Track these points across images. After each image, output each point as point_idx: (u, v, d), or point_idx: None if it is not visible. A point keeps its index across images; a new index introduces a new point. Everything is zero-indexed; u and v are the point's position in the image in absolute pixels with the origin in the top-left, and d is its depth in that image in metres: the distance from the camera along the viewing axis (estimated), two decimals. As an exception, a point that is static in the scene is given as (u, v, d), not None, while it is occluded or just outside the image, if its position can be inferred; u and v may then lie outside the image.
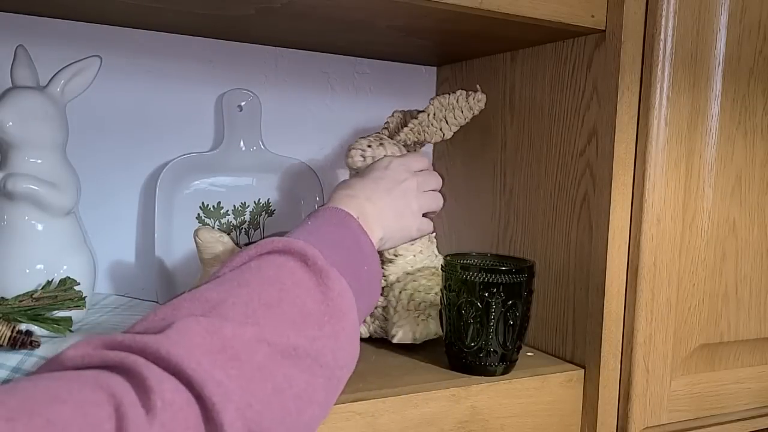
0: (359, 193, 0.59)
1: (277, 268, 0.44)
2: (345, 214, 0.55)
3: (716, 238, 0.72)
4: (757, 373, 0.77)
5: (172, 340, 0.35)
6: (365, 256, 0.54)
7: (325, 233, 0.52)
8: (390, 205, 0.60)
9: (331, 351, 0.43)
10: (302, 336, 0.41)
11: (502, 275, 0.63)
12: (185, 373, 0.34)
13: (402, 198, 0.62)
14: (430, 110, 0.73)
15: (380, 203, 0.59)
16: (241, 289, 0.42)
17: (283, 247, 0.46)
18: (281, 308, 0.41)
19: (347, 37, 0.79)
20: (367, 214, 0.57)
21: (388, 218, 0.60)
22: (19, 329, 0.55)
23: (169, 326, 0.36)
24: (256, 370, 0.37)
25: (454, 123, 0.74)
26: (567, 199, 0.72)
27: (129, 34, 0.79)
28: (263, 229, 0.86)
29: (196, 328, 0.36)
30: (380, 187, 0.61)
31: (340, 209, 0.55)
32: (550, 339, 0.75)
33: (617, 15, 0.66)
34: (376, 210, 0.59)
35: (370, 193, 0.59)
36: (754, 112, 0.73)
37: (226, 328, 0.38)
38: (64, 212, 0.64)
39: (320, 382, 0.41)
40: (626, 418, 0.69)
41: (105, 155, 0.79)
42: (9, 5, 0.70)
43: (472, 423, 0.63)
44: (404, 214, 0.62)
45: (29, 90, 0.63)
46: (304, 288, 0.44)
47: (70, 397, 0.31)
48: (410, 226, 0.63)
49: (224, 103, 0.84)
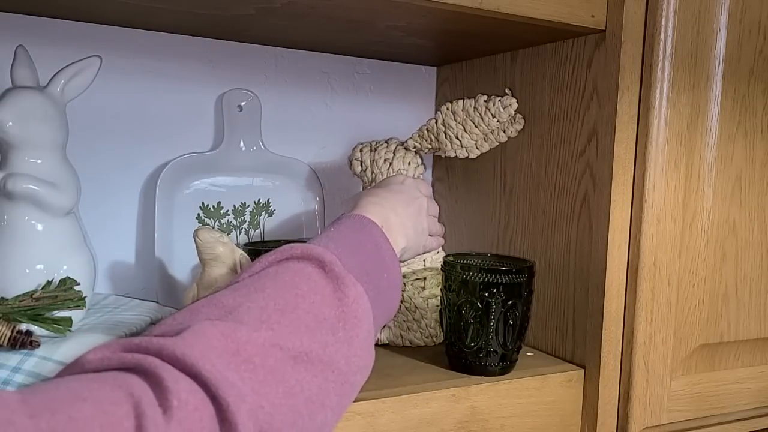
0: (384, 202, 0.60)
1: (294, 274, 0.45)
2: (368, 221, 0.55)
3: (716, 238, 0.72)
4: (757, 373, 0.77)
5: (188, 342, 0.36)
6: (385, 263, 0.54)
7: (346, 239, 0.52)
8: (410, 218, 0.62)
9: (345, 357, 0.43)
10: (315, 341, 0.42)
11: (502, 275, 0.63)
12: (200, 374, 0.35)
13: (418, 214, 0.64)
14: (439, 116, 0.71)
15: (403, 215, 0.61)
16: (257, 294, 0.43)
17: (302, 254, 0.47)
18: (296, 313, 0.42)
19: (347, 37, 0.79)
20: (391, 223, 0.58)
21: (409, 230, 0.61)
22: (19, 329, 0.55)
23: (185, 329, 0.37)
24: (268, 374, 0.38)
25: (476, 132, 0.69)
26: (567, 199, 0.72)
27: (129, 34, 0.79)
28: (263, 229, 0.86)
29: (212, 331, 0.38)
30: (401, 200, 0.62)
31: (363, 216, 0.56)
32: (550, 339, 0.75)
33: (617, 15, 0.66)
34: (399, 220, 0.60)
35: (394, 204, 0.61)
36: (754, 112, 0.73)
37: (241, 332, 0.38)
38: (64, 212, 0.64)
39: (332, 386, 0.42)
40: (626, 418, 0.69)
41: (105, 155, 0.79)
42: (9, 5, 0.70)
43: (472, 423, 0.63)
44: (419, 230, 0.63)
45: (29, 90, 0.63)
46: (319, 293, 0.45)
47: (90, 395, 0.32)
48: (420, 242, 0.65)
49: (224, 103, 0.84)
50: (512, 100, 0.67)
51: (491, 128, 0.69)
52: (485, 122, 0.68)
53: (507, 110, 0.67)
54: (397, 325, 0.74)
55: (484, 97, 0.69)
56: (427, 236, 0.67)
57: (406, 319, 0.73)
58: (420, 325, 0.73)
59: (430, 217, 0.68)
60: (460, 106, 0.69)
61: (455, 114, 0.70)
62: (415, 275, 0.74)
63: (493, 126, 0.68)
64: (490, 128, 0.69)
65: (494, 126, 0.68)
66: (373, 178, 0.75)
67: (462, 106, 0.69)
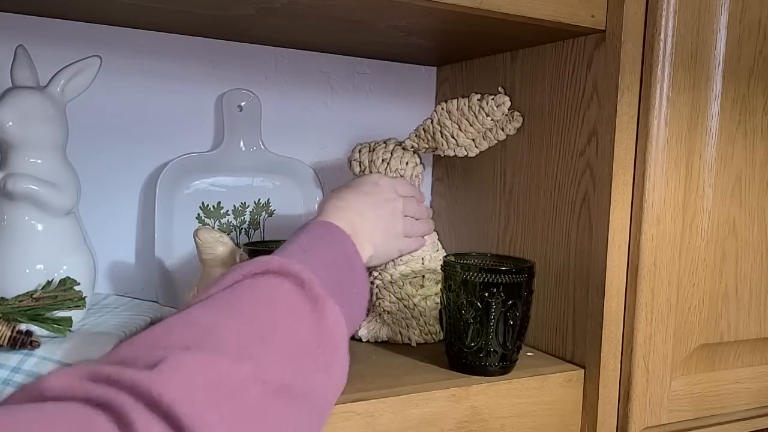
0: (351, 206, 0.58)
1: (271, 291, 0.43)
2: (339, 232, 0.54)
3: (716, 238, 0.72)
4: (757, 373, 0.77)
5: (165, 378, 0.33)
6: (356, 277, 0.53)
7: (319, 251, 0.51)
8: (378, 222, 0.60)
9: (323, 387, 0.42)
10: (295, 372, 0.39)
11: (502, 275, 0.63)
12: (178, 418, 0.31)
13: (390, 217, 0.62)
14: (434, 116, 0.71)
15: (370, 219, 0.59)
16: (234, 314, 0.40)
17: (279, 269, 0.44)
18: (275, 339, 0.40)
19: (347, 37, 0.79)
20: (357, 230, 0.57)
21: (376, 236, 0.60)
22: (19, 329, 0.55)
23: (161, 361, 0.34)
24: (248, 411, 0.35)
25: (471, 131, 0.70)
26: (567, 199, 0.72)
27: (129, 34, 0.79)
28: (263, 229, 0.86)
29: (191, 365, 0.34)
30: (370, 203, 0.60)
31: (335, 226, 0.54)
32: (550, 339, 0.75)
33: (617, 15, 0.66)
34: (365, 225, 0.58)
35: (362, 208, 0.59)
36: (754, 112, 0.73)
37: (222, 365, 0.36)
38: (64, 212, 0.64)
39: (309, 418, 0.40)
40: (626, 418, 0.69)
41: (105, 155, 0.79)
42: (9, 5, 0.70)
43: (472, 423, 0.63)
44: (389, 235, 0.62)
45: (29, 90, 0.63)
46: (297, 315, 0.43)
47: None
48: (393, 246, 0.63)
49: (224, 103, 0.84)
50: (505, 98, 0.68)
51: (487, 127, 0.70)
52: (480, 121, 0.69)
53: (500, 108, 0.68)
54: (396, 323, 0.74)
55: (477, 96, 0.70)
56: (403, 239, 0.65)
57: (405, 317, 0.74)
58: (419, 323, 0.74)
59: (408, 219, 0.66)
60: (455, 106, 0.70)
61: (450, 113, 0.70)
62: (414, 274, 0.74)
63: (488, 124, 0.69)
64: (486, 127, 0.70)
65: (489, 124, 0.69)
66: None
67: (456, 106, 0.70)
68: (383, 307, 0.74)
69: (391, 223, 0.62)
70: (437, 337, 0.75)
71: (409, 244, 0.67)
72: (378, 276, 0.75)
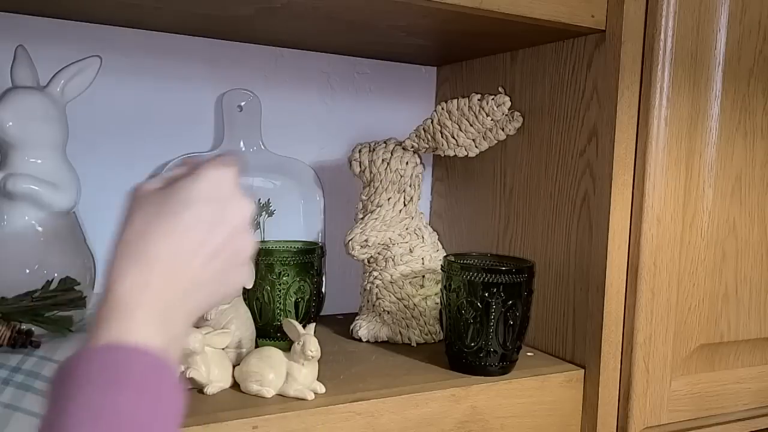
0: (152, 286, 0.40)
1: None
2: (123, 361, 0.36)
3: (716, 238, 0.72)
4: (757, 373, 0.77)
5: None
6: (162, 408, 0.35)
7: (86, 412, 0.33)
8: (203, 287, 0.41)
9: None
10: None
11: (502, 275, 0.63)
12: None
13: (211, 257, 0.41)
14: (434, 116, 0.71)
15: (181, 285, 0.40)
16: None
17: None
18: None
19: (347, 37, 0.79)
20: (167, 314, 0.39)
21: (177, 310, 0.40)
22: (19, 329, 0.55)
23: None
24: None
25: (471, 131, 0.69)
26: (567, 199, 0.72)
27: (129, 34, 0.79)
28: (263, 229, 0.86)
29: None
30: (185, 248, 0.40)
31: (113, 353, 0.36)
32: (550, 339, 0.75)
33: (617, 15, 0.66)
34: (175, 302, 0.40)
35: (167, 268, 0.40)
36: (754, 113, 0.73)
37: None
38: (64, 212, 0.64)
39: None
40: (626, 418, 0.69)
41: (105, 155, 0.79)
42: (9, 5, 0.70)
43: (472, 423, 0.63)
44: (207, 290, 0.42)
45: (29, 90, 0.63)
46: None
47: None
48: (219, 291, 0.43)
49: (224, 103, 0.84)
50: (505, 98, 0.68)
51: (487, 126, 0.70)
52: (480, 121, 0.69)
53: (500, 108, 0.68)
54: (396, 323, 0.74)
55: (477, 96, 0.70)
56: (235, 268, 0.42)
57: (404, 317, 0.74)
58: (419, 323, 0.74)
59: (237, 240, 0.41)
60: (455, 106, 0.70)
61: (450, 113, 0.70)
62: (414, 274, 0.74)
63: (488, 124, 0.69)
64: (486, 127, 0.70)
65: (489, 124, 0.69)
66: (372, 178, 0.76)
67: (456, 106, 0.70)
68: (383, 307, 0.74)
69: (210, 264, 0.41)
70: (437, 337, 0.75)
71: (239, 277, 0.43)
72: (378, 276, 0.75)
